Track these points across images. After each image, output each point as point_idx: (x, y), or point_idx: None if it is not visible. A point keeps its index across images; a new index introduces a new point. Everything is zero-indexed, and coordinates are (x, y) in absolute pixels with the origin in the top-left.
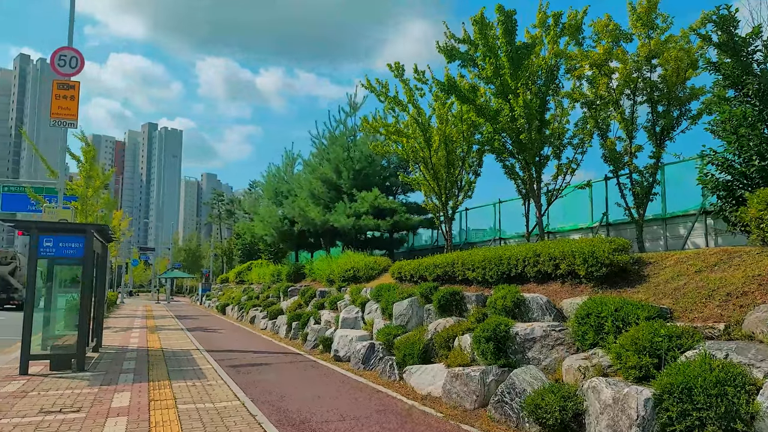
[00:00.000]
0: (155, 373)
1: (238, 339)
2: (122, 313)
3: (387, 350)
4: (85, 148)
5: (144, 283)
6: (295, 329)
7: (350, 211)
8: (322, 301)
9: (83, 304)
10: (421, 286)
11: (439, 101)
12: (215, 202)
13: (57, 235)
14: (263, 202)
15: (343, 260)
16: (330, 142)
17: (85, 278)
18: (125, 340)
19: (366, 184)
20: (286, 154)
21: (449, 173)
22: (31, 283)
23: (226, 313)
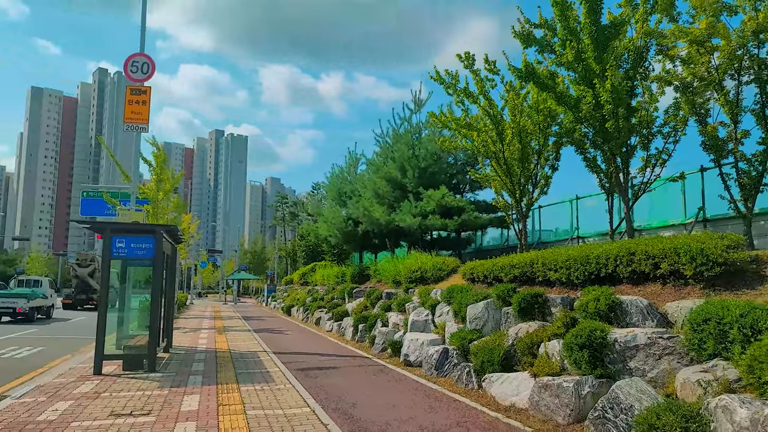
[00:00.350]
0: (223, 376)
1: (304, 341)
2: (191, 314)
3: (462, 356)
4: (156, 153)
5: (212, 284)
6: (361, 332)
7: (416, 211)
8: (389, 303)
9: (154, 305)
10: (497, 287)
11: (512, 91)
12: (279, 205)
13: (128, 236)
14: (326, 203)
15: (409, 261)
16: (394, 140)
17: (155, 279)
18: (194, 341)
19: (432, 183)
20: (349, 155)
21: (524, 168)
22: (104, 283)
23: (291, 314)
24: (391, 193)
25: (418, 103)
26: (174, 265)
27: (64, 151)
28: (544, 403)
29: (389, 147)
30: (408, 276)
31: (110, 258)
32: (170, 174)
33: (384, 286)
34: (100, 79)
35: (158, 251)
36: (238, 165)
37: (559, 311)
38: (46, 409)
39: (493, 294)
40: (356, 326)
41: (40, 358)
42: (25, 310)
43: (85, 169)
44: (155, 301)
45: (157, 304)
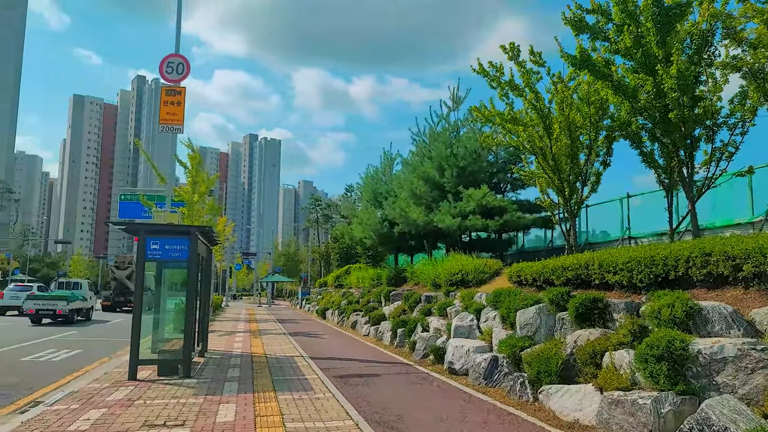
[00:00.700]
0: (260, 383)
1: (341, 345)
2: (227, 317)
3: (513, 365)
4: (192, 155)
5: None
6: (400, 336)
7: (455, 211)
8: (429, 307)
9: (188, 308)
10: (550, 291)
11: (561, 83)
12: (313, 207)
13: (163, 237)
14: (361, 204)
15: (449, 263)
16: (431, 139)
17: (190, 281)
18: (229, 344)
19: (471, 182)
20: (384, 155)
21: (573, 164)
22: (138, 286)
23: (326, 317)
24: (429, 193)
25: (455, 100)
26: (209, 267)
27: (105, 157)
28: (615, 421)
29: (426, 146)
30: (448, 279)
31: (145, 260)
32: (205, 176)
33: (422, 289)
34: (139, 86)
35: (193, 253)
36: (272, 168)
37: (624, 317)
38: (78, 418)
39: (545, 298)
40: (395, 331)
41: (77, 361)
42: (65, 312)
43: (124, 174)
44: (190, 304)
45: (192, 308)
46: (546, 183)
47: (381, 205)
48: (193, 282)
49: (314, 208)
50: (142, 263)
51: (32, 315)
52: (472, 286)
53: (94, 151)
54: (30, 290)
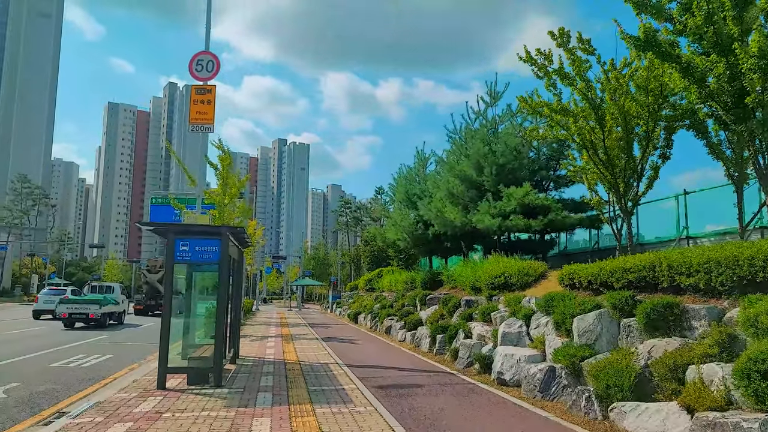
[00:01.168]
0: (295, 394)
1: (377, 352)
2: (258, 321)
3: (573, 376)
4: (222, 156)
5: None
6: (440, 343)
7: (495, 211)
8: (470, 312)
9: (219, 312)
10: (611, 295)
11: (614, 71)
12: (343, 210)
13: (192, 238)
14: (394, 205)
15: (490, 265)
16: (468, 136)
17: (222, 284)
18: (261, 350)
19: (511, 181)
20: (417, 154)
21: (628, 157)
22: (167, 290)
23: (358, 321)
24: (466, 193)
25: (493, 96)
26: (241, 269)
27: (138, 162)
28: None
29: (463, 144)
30: (489, 282)
31: (173, 262)
32: (236, 178)
33: (460, 293)
34: (170, 92)
35: (224, 254)
36: (300, 172)
37: (706, 325)
38: None
39: (606, 303)
40: (433, 337)
41: (106, 367)
42: (98, 315)
43: (157, 179)
44: (221, 308)
45: (223, 312)
46: (597, 179)
47: (415, 206)
48: (224, 285)
49: (344, 210)
50: (170, 266)
51: (65, 319)
52: (516, 290)
53: (128, 157)
54: (64, 294)
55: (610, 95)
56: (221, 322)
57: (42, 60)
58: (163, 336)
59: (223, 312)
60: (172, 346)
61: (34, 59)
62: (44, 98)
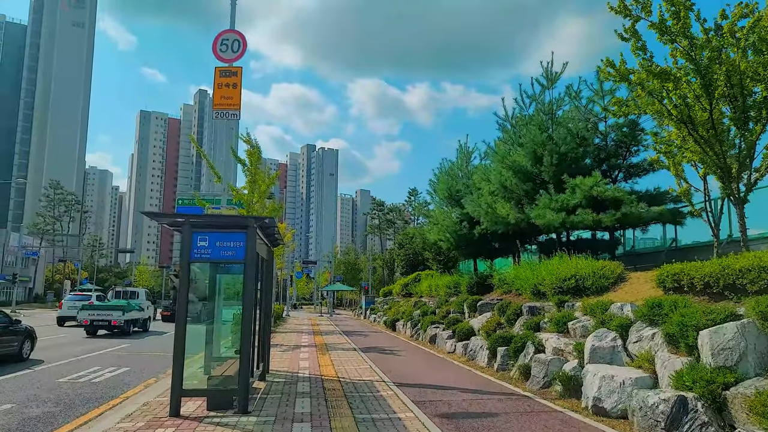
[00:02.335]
0: (340, 425)
1: (426, 366)
2: (288, 327)
3: (714, 410)
4: (250, 151)
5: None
6: (503, 357)
7: (556, 205)
8: (536, 321)
9: (245, 322)
10: (757, 301)
11: (729, 22)
12: (375, 212)
13: (213, 231)
14: (435, 203)
15: (554, 266)
16: (522, 123)
17: (247, 287)
18: (294, 362)
19: (574, 171)
20: (460, 148)
21: (743, 132)
22: (182, 295)
23: (396, 329)
24: (520, 186)
25: (550, 77)
26: (271, 271)
27: (169, 169)
28: None
29: (515, 132)
30: (556, 285)
31: (189, 261)
32: (264, 175)
33: (516, 298)
34: (200, 99)
35: (251, 251)
36: (329, 178)
37: None
38: None
39: (750, 311)
40: (493, 349)
41: (120, 383)
42: (120, 323)
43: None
44: (247, 318)
45: (250, 321)
46: (697, 159)
47: (458, 204)
48: (251, 289)
49: (376, 213)
50: (186, 265)
51: (87, 326)
52: (591, 294)
53: (159, 164)
54: (89, 300)
55: (718, 55)
56: (247, 334)
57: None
58: (177, 351)
59: (249, 321)
60: (194, 359)
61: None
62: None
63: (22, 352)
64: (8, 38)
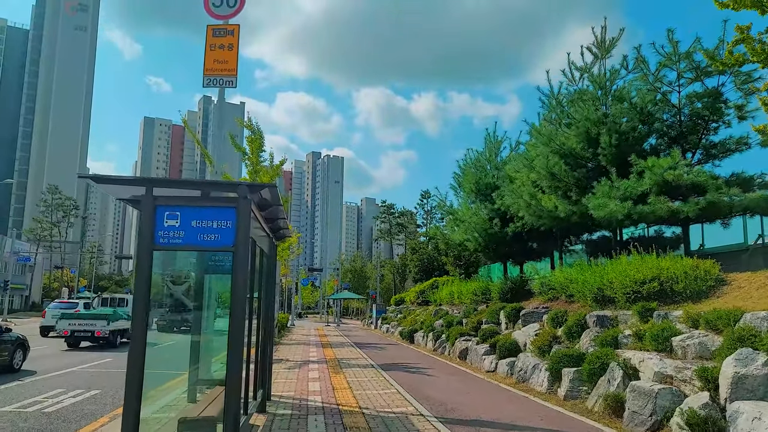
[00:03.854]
0: None
1: (468, 390)
2: (294, 338)
3: None
4: (252, 138)
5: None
6: (572, 382)
7: (618, 193)
8: (612, 334)
9: (234, 336)
10: None
11: None
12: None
13: (187, 205)
14: (461, 199)
15: (627, 266)
16: (571, 99)
17: (238, 286)
18: (302, 384)
19: (638, 153)
20: (487, 137)
21: None
22: (140, 299)
23: (414, 341)
24: (570, 173)
25: (603, 46)
26: (273, 270)
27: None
28: None
29: (562, 110)
30: (630, 289)
31: (151, 248)
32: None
33: (567, 305)
34: (204, 106)
35: (243, 234)
36: (335, 185)
37: None
38: None
39: None
40: (555, 371)
41: (78, 413)
42: (105, 333)
43: None
44: (237, 329)
45: (241, 336)
46: None
47: (488, 199)
48: (242, 288)
49: (386, 217)
50: (147, 256)
51: (67, 337)
52: (681, 301)
53: (163, 171)
54: (75, 308)
55: None
56: (237, 355)
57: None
58: (130, 386)
59: (240, 336)
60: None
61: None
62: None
63: (13, 362)
64: (10, 43)
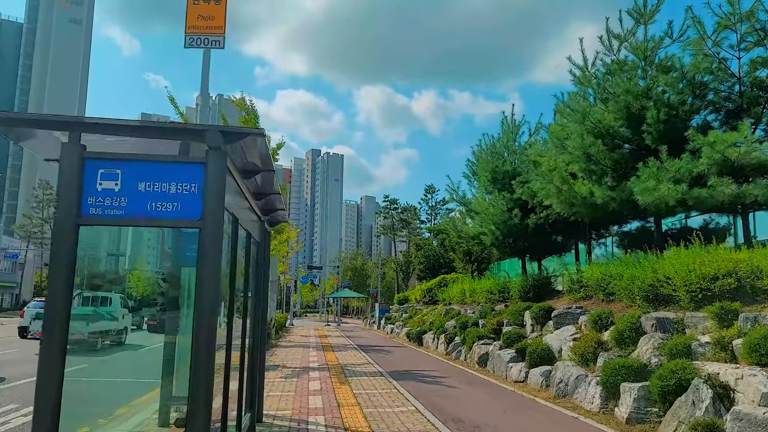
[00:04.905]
0: None
1: (501, 408)
2: (292, 340)
3: None
4: (245, 118)
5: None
6: (637, 401)
7: (669, 175)
8: (683, 342)
9: (197, 360)
10: None
11: None
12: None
13: (132, 160)
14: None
15: (685, 260)
16: (608, 71)
17: (205, 279)
18: (301, 399)
19: (684, 131)
20: (504, 121)
21: None
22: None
23: (423, 343)
24: (608, 154)
25: (642, 12)
26: (265, 262)
27: None
28: None
29: (597, 83)
30: (698, 287)
31: (77, 222)
32: None
33: (604, 305)
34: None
35: (213, 204)
36: (334, 183)
37: None
38: None
39: None
40: (610, 385)
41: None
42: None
43: None
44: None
45: (210, 348)
46: None
47: (506, 188)
48: (210, 281)
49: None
50: (67, 236)
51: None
52: (766, 301)
53: None
54: None
55: None
56: (203, 378)
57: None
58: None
59: (208, 351)
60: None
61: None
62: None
63: None
64: (3, 36)
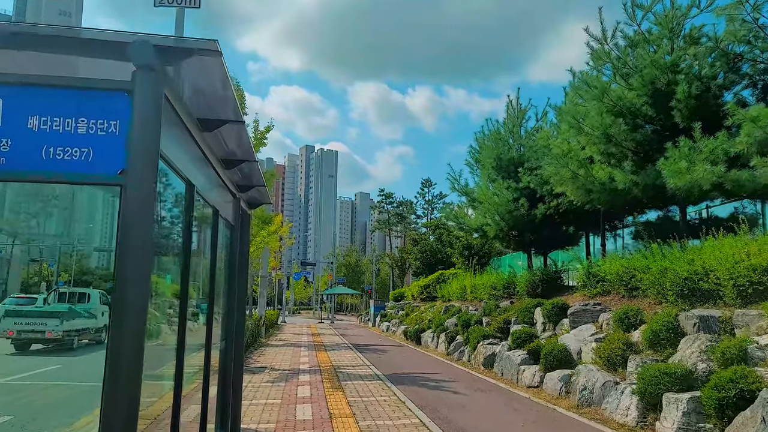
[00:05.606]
0: None
1: (519, 420)
2: (284, 338)
3: None
4: None
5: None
6: (687, 415)
7: (702, 156)
8: (736, 345)
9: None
10: None
11: None
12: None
13: (19, 84)
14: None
15: (728, 251)
16: (631, 42)
17: (130, 255)
18: (288, 409)
19: (720, 106)
20: (509, 105)
21: None
22: None
23: (422, 342)
24: (630, 134)
25: None
26: (243, 251)
27: None
28: None
29: (618, 57)
30: (747, 281)
31: None
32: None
33: (625, 301)
34: None
35: (143, 153)
36: (328, 180)
37: None
38: None
39: None
40: (649, 395)
41: None
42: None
43: None
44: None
45: (138, 359)
46: None
47: (511, 176)
48: (139, 268)
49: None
50: None
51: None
52: None
53: None
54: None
55: None
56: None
57: None
58: None
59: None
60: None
61: None
62: None
63: None
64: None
